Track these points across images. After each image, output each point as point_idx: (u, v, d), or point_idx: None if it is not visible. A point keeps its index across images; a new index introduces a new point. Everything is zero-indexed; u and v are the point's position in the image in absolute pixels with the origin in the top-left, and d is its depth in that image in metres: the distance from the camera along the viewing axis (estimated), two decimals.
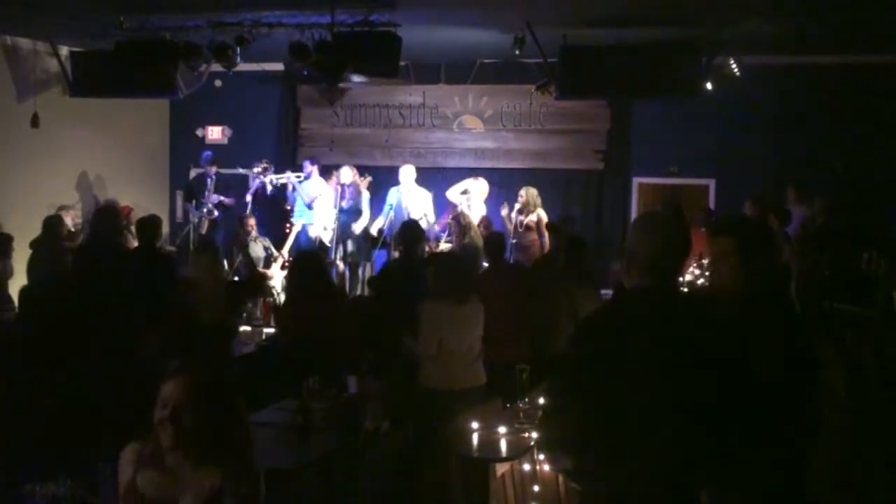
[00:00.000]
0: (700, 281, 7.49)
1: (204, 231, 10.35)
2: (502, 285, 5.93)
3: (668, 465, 2.41)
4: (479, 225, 9.24)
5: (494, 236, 7.14)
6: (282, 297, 8.41)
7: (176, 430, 2.36)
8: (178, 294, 4.99)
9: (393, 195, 9.83)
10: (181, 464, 2.42)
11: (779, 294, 2.76)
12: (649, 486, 2.42)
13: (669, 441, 2.41)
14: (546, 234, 8.99)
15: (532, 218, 9.33)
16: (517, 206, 9.55)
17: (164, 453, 2.44)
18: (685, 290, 6.58)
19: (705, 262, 7.63)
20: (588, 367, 2.50)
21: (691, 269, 7.86)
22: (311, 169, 10.35)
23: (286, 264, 8.89)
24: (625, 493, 2.45)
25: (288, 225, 10.58)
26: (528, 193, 9.48)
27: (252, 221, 9.29)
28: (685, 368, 2.43)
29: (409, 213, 9.45)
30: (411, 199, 9.75)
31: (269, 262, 8.91)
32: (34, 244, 8.26)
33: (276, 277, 8.81)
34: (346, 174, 9.85)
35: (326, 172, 10.50)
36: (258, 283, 8.29)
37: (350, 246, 9.77)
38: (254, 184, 10.56)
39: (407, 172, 9.91)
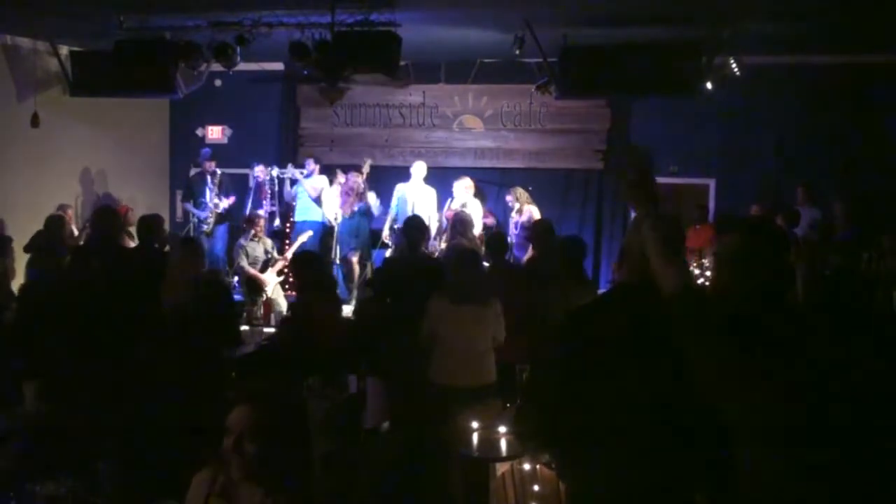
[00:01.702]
0: (700, 280, 7.48)
1: (210, 229, 10.36)
2: (503, 285, 5.92)
3: (640, 464, 2.40)
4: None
5: (496, 235, 7.13)
6: (280, 302, 8.36)
7: (241, 458, 2.33)
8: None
9: (399, 190, 9.83)
10: (252, 492, 2.37)
11: (779, 295, 2.74)
12: (620, 484, 2.41)
13: (641, 438, 2.40)
14: None
15: (525, 217, 9.34)
16: (514, 207, 9.54)
17: (235, 485, 2.39)
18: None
19: (706, 261, 7.63)
20: (563, 361, 2.50)
21: (691, 267, 7.85)
22: (314, 167, 10.37)
23: (285, 269, 8.84)
24: (596, 488, 2.44)
25: (288, 224, 10.60)
26: (515, 193, 9.53)
27: (262, 221, 9.30)
28: (657, 368, 2.42)
29: (413, 211, 9.45)
30: (417, 197, 9.76)
31: (266, 265, 8.88)
32: (34, 243, 8.25)
33: (270, 283, 8.71)
34: (357, 181, 9.87)
35: (329, 173, 10.52)
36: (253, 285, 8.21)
37: (355, 246, 9.81)
38: (254, 184, 10.58)
39: (419, 169, 9.92)
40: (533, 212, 9.40)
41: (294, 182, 10.52)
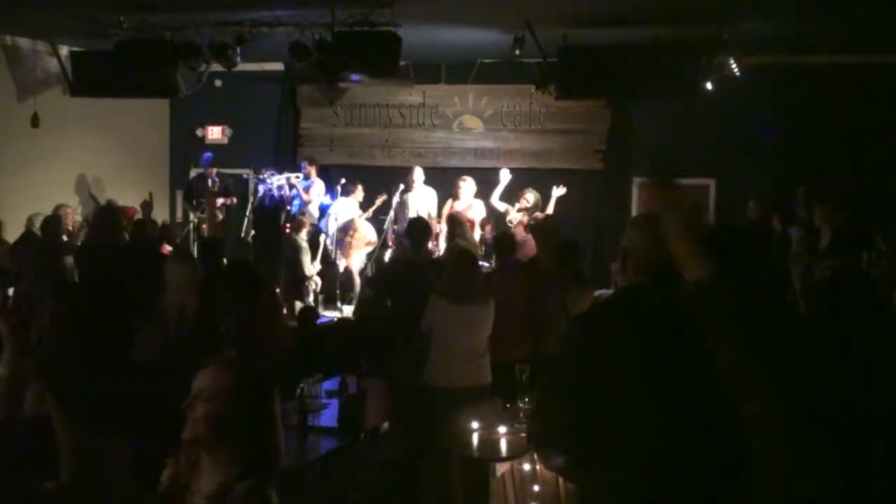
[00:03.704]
0: None
1: (206, 233, 10.35)
2: (506, 285, 5.92)
3: (660, 463, 2.40)
4: (481, 225, 9.25)
5: (504, 235, 7.10)
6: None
7: (193, 419, 2.30)
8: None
9: (400, 197, 9.83)
10: (199, 456, 2.36)
11: (780, 296, 2.75)
12: (640, 484, 2.41)
13: (661, 439, 2.40)
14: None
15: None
16: (522, 206, 9.47)
17: (195, 466, 2.37)
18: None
19: None
20: (579, 363, 2.50)
21: None
22: (310, 169, 10.34)
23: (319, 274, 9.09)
24: (617, 492, 2.44)
25: (287, 226, 10.58)
26: (534, 198, 9.43)
27: (308, 221, 9.36)
28: (677, 366, 2.42)
29: (416, 212, 9.45)
30: (420, 202, 9.76)
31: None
32: (25, 244, 8.24)
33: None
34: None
35: (324, 174, 10.51)
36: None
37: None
38: (261, 189, 10.55)
39: (418, 174, 9.93)
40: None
41: (292, 188, 10.51)
